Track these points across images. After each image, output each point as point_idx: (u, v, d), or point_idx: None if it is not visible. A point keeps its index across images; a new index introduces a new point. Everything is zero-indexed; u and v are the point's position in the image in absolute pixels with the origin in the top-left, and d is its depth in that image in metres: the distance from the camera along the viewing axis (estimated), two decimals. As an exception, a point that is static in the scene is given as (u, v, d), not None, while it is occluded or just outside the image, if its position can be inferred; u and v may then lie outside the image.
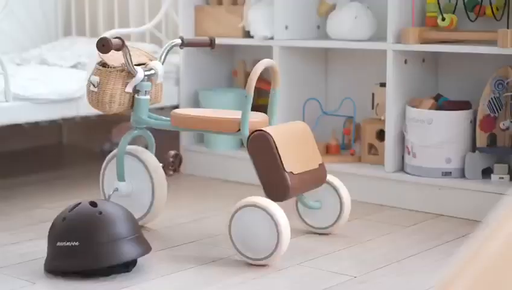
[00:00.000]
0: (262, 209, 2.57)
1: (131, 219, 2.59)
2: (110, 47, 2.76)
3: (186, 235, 2.96)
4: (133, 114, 2.98)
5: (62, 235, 2.51)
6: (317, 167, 2.79)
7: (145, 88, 2.95)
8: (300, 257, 2.71)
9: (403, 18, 3.31)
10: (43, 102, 3.43)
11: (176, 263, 2.66)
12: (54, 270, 2.52)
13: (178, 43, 3.06)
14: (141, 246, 2.56)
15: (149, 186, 2.99)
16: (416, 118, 3.26)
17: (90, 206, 2.54)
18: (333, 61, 3.81)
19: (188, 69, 3.95)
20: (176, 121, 2.88)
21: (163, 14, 4.01)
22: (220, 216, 3.20)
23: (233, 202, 3.29)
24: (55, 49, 4.24)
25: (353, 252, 2.78)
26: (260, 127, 2.72)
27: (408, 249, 2.80)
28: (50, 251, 2.55)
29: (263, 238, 2.58)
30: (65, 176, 3.98)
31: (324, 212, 2.93)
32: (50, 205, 3.38)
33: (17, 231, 3.00)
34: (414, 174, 3.29)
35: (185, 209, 3.32)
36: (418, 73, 3.42)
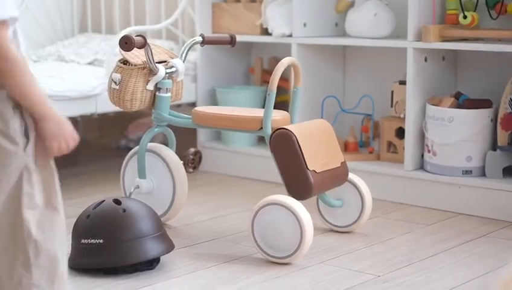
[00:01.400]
0: (285, 207, 2.57)
1: (154, 216, 2.59)
2: (133, 45, 2.76)
3: (207, 232, 2.96)
4: (154, 111, 2.98)
5: (86, 232, 2.51)
6: (339, 165, 2.79)
7: (166, 86, 2.95)
8: (322, 255, 2.71)
9: (423, 16, 3.30)
10: (62, 99, 3.43)
11: (198, 260, 2.66)
12: (77, 267, 2.53)
13: (199, 41, 3.06)
14: (165, 243, 2.56)
15: (170, 184, 2.99)
16: (437, 116, 3.25)
17: (114, 203, 2.54)
18: (351, 58, 3.80)
19: (206, 66, 3.95)
20: (197, 119, 2.88)
21: (180, 11, 4.01)
22: (239, 214, 3.20)
23: (251, 200, 3.30)
24: (71, 46, 4.24)
25: (375, 250, 2.78)
26: (282, 125, 2.72)
27: (430, 248, 2.80)
28: (74, 248, 2.55)
29: (286, 237, 2.58)
30: (82, 173, 3.98)
31: (345, 210, 2.93)
32: (69, 201, 3.37)
33: (38, 228, 3.00)
34: (434, 172, 3.28)
35: (203, 206, 3.32)
36: (438, 71, 3.41)
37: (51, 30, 4.48)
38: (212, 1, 3.94)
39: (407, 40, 3.30)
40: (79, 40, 4.34)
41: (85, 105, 3.52)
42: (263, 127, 2.71)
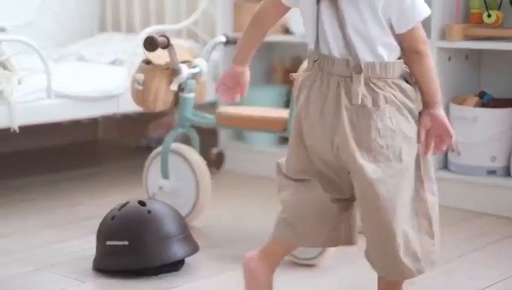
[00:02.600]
0: (311, 209, 2.55)
1: (179, 218, 2.59)
2: (157, 45, 2.76)
3: (230, 233, 2.95)
4: (177, 112, 2.97)
5: (111, 234, 2.51)
6: (364, 165, 2.76)
7: (190, 86, 2.95)
8: (347, 256, 2.69)
9: (446, 15, 3.28)
10: (84, 99, 3.43)
11: (223, 262, 2.65)
12: (103, 269, 2.53)
13: (222, 41, 3.05)
14: (190, 245, 2.56)
15: (193, 184, 2.99)
16: (461, 116, 3.23)
17: (139, 205, 2.54)
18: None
19: (227, 66, 3.92)
20: (221, 120, 2.88)
21: (201, 10, 4.00)
22: (262, 214, 3.19)
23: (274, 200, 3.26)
24: (91, 45, 4.24)
25: (401, 251, 2.76)
26: (306, 125, 2.70)
27: (455, 249, 2.78)
28: (99, 249, 2.55)
29: (312, 238, 2.57)
30: (103, 173, 3.98)
31: (369, 211, 2.90)
32: (91, 202, 3.38)
33: (62, 229, 3.01)
34: (458, 172, 3.26)
35: (226, 207, 3.31)
36: (462, 70, 3.39)
37: (71, 29, 4.48)
38: (234, 0, 3.93)
39: (431, 39, 3.28)
40: (99, 39, 4.34)
41: (107, 105, 3.52)
42: (288, 128, 2.70)
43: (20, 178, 3.80)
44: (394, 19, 1.93)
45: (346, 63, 1.95)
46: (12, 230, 2.99)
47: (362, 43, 1.94)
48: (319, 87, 1.99)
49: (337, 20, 1.94)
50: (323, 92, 1.98)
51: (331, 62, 1.96)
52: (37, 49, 3.27)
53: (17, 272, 2.55)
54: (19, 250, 2.76)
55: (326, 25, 1.96)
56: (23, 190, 3.57)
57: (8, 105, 3.13)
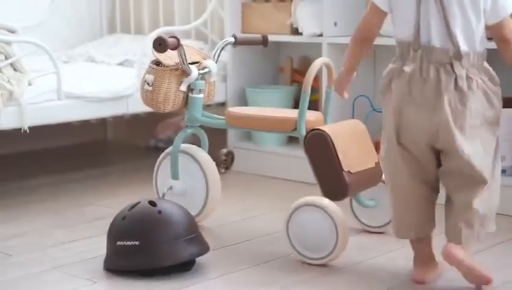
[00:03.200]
0: (321, 209, 2.57)
1: (190, 218, 2.60)
2: (167, 46, 2.77)
3: (240, 233, 2.96)
4: (187, 112, 2.98)
5: (122, 234, 2.52)
6: (374, 165, 2.78)
7: (199, 87, 2.95)
8: (357, 256, 2.70)
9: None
10: (94, 100, 3.44)
11: (233, 262, 2.66)
12: (114, 269, 2.54)
13: (231, 42, 3.06)
14: (200, 245, 2.57)
15: (203, 185, 3.00)
16: (470, 116, 3.23)
17: (149, 205, 2.55)
18: (382, 57, 3.79)
19: (235, 66, 3.95)
20: (230, 120, 2.89)
21: (210, 11, 4.01)
22: (271, 214, 3.20)
23: (283, 200, 3.31)
24: (101, 47, 4.25)
25: (411, 251, 2.76)
26: (316, 126, 2.71)
27: (466, 248, 2.78)
28: (110, 249, 2.56)
29: (322, 238, 2.58)
30: (112, 173, 3.99)
31: (379, 210, 2.91)
32: (101, 202, 3.40)
33: (72, 229, 3.02)
34: (467, 172, 3.26)
35: (235, 207, 3.32)
36: (471, 70, 3.39)
37: (80, 30, 4.50)
38: (242, 1, 3.94)
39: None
40: (108, 40, 4.36)
41: (116, 106, 3.53)
42: (297, 128, 2.71)
43: (30, 179, 3.81)
44: (488, 10, 2.26)
45: (447, 52, 2.26)
46: (23, 231, 3.00)
47: (462, 33, 2.25)
48: (419, 73, 2.29)
49: (439, 13, 2.24)
50: (423, 78, 2.28)
51: (430, 51, 2.26)
52: (48, 50, 3.28)
53: (28, 272, 2.57)
54: (30, 250, 2.77)
55: (430, 17, 2.25)
56: (33, 191, 3.58)
57: (18, 106, 3.15)
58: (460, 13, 2.25)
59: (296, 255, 2.64)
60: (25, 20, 4.06)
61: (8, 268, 2.61)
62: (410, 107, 2.32)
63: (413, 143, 2.36)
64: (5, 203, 3.38)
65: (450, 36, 2.25)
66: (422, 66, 2.29)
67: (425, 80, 2.29)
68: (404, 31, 2.32)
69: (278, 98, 3.81)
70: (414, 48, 2.29)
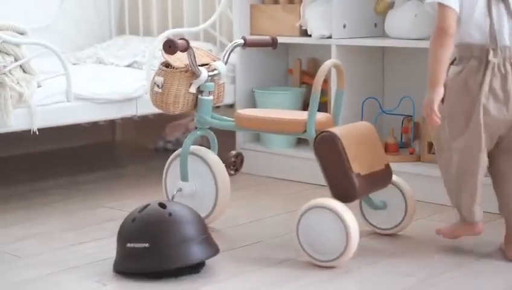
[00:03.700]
0: (331, 211, 2.56)
1: (200, 220, 2.60)
2: (177, 48, 2.78)
3: (249, 235, 2.96)
4: (196, 114, 2.98)
5: (132, 236, 2.52)
6: (383, 167, 2.77)
7: (209, 89, 2.96)
8: (367, 258, 2.70)
9: (464, 16, 3.28)
10: (104, 102, 3.45)
11: (243, 264, 2.66)
12: (123, 271, 2.54)
13: (240, 43, 3.06)
14: (210, 247, 2.57)
15: (212, 187, 3.00)
16: (479, 118, 3.23)
17: (159, 207, 2.55)
18: (390, 59, 3.79)
19: (244, 68, 3.95)
20: (240, 122, 2.89)
21: (219, 13, 4.01)
22: (281, 216, 3.20)
23: (292, 202, 3.31)
24: (109, 48, 4.26)
25: (420, 253, 2.77)
26: (325, 127, 2.71)
27: (476, 250, 2.78)
28: (120, 251, 2.56)
29: (332, 240, 2.58)
30: (121, 174, 3.99)
31: (389, 212, 2.91)
32: (110, 204, 3.40)
33: (82, 231, 3.02)
34: (481, 174, 3.25)
35: (244, 208, 3.32)
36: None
37: (89, 32, 4.51)
38: (250, 2, 3.94)
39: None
40: (117, 42, 4.36)
41: (126, 107, 3.54)
42: (307, 129, 2.71)
43: (39, 181, 3.82)
44: None
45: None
46: (32, 233, 3.00)
47: None
48: (499, 70, 2.57)
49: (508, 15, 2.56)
50: (502, 74, 2.57)
51: (504, 50, 2.56)
52: (58, 52, 3.29)
53: (38, 275, 2.57)
54: (40, 252, 2.78)
55: (503, 20, 2.55)
56: (42, 193, 3.59)
57: (28, 108, 3.15)
58: None
59: (306, 257, 2.64)
60: (34, 22, 4.06)
61: (17, 270, 2.62)
62: (496, 98, 2.58)
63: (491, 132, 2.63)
64: (15, 205, 3.38)
65: None
66: (499, 64, 2.56)
67: (505, 76, 2.56)
68: (476, 34, 2.58)
69: (287, 99, 3.81)
70: (492, 47, 2.55)
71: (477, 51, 2.58)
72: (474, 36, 2.58)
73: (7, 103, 3.09)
